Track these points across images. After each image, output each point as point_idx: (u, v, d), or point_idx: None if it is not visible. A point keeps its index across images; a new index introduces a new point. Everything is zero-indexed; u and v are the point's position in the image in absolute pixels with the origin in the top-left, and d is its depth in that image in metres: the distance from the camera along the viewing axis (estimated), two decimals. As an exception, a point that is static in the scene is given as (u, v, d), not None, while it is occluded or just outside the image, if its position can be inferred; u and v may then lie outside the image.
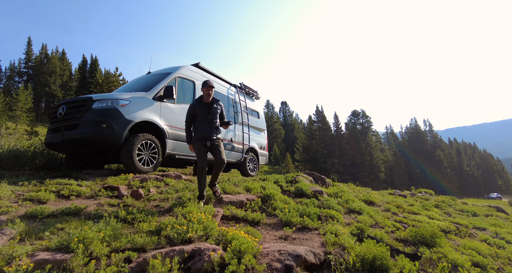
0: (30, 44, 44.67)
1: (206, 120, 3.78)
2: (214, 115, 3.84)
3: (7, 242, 2.25)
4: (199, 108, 3.79)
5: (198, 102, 3.84)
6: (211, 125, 3.80)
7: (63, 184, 3.88)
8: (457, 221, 5.61)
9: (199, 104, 3.80)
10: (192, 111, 3.83)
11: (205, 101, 3.84)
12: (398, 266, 2.64)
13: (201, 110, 3.77)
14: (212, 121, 3.81)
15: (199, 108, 3.79)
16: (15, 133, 16.36)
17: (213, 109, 3.83)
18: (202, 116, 3.78)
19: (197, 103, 3.82)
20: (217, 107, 3.87)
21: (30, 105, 32.30)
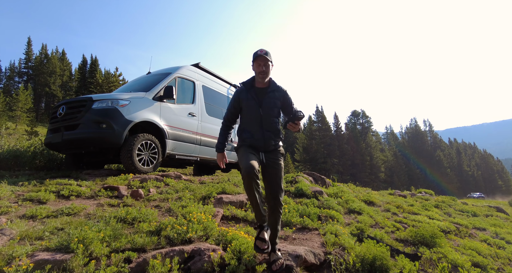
0: (30, 44, 44.71)
1: (256, 118, 2.34)
2: (271, 110, 2.35)
3: (7, 242, 2.25)
4: (246, 97, 2.35)
5: (247, 86, 2.39)
6: (265, 126, 2.33)
7: (63, 184, 3.88)
8: (457, 221, 5.61)
9: (248, 91, 2.36)
10: (235, 101, 2.41)
11: (258, 85, 2.39)
12: (398, 266, 2.64)
13: (249, 101, 2.34)
14: (267, 120, 2.34)
15: (247, 97, 2.35)
16: (15, 133, 16.38)
17: (268, 98, 2.34)
18: (250, 110, 2.35)
19: (245, 88, 2.38)
20: (275, 96, 2.36)
21: (30, 105, 32.31)
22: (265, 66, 2.27)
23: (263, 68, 2.27)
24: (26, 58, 44.45)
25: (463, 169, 66.72)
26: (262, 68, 2.27)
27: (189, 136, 5.81)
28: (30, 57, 44.28)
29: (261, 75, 2.29)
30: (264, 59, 2.26)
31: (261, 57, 2.25)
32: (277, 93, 2.36)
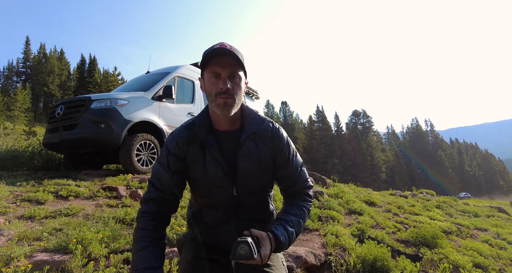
0: (28, 43, 44.80)
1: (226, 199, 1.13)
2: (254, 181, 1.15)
3: (5, 243, 2.24)
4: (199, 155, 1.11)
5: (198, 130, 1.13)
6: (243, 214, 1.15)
7: (62, 185, 3.86)
8: (458, 222, 5.58)
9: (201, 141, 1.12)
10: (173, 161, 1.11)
11: (220, 127, 1.16)
12: (399, 267, 2.62)
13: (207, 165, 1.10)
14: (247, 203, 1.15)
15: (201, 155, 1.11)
16: (13, 133, 16.39)
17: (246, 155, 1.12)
18: (211, 184, 1.12)
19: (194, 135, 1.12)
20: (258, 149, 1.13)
21: (28, 105, 32.37)
22: (231, 80, 1.05)
23: (227, 85, 1.02)
24: (24, 58, 44.55)
25: (464, 169, 66.69)
26: (225, 85, 1.02)
27: (188, 136, 5.80)
28: (28, 57, 44.37)
29: (224, 100, 1.03)
30: (229, 62, 1.04)
31: (223, 58, 1.03)
32: (262, 141, 1.14)
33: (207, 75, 1.08)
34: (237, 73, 1.07)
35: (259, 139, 1.15)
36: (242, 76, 1.10)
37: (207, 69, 1.07)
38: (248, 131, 1.14)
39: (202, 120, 1.15)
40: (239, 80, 1.08)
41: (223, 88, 1.02)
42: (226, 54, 1.04)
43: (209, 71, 1.06)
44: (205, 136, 1.12)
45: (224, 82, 1.03)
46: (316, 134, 48.08)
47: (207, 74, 1.07)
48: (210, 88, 1.06)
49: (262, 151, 1.15)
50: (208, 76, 1.07)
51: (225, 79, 1.04)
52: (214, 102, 1.06)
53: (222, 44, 1.05)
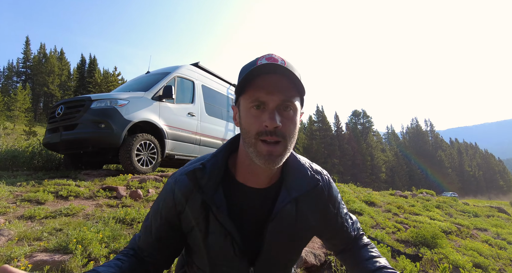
0: (28, 43, 44.81)
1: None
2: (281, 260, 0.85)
3: (5, 243, 2.24)
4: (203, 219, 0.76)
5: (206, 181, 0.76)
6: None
7: (62, 185, 3.86)
8: (458, 222, 5.58)
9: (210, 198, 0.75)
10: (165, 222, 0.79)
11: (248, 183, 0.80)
12: (399, 267, 2.62)
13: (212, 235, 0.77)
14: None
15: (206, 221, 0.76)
16: (13, 133, 16.38)
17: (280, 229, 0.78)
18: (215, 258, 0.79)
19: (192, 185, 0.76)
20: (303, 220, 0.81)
21: (28, 105, 32.36)
22: (281, 113, 0.70)
23: (276, 121, 0.67)
24: (24, 58, 44.55)
25: (464, 169, 66.71)
26: (273, 120, 0.67)
27: (188, 136, 5.80)
28: (28, 57, 44.37)
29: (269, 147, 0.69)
30: (282, 84, 0.70)
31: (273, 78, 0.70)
32: (308, 206, 0.82)
33: (245, 103, 0.72)
34: (292, 102, 0.70)
35: (303, 203, 0.81)
36: (298, 107, 0.73)
37: (245, 94, 0.71)
38: (292, 193, 0.79)
39: (215, 166, 0.77)
40: (293, 114, 0.72)
41: (269, 125, 0.67)
42: (277, 73, 0.69)
43: (248, 98, 0.70)
44: (212, 191, 0.75)
45: (271, 117, 0.67)
46: (316, 134, 48.08)
47: (245, 101, 0.71)
48: (248, 123, 0.70)
49: (305, 221, 0.82)
50: (247, 105, 0.71)
51: (273, 111, 0.68)
52: (252, 147, 0.70)
53: (271, 57, 0.71)
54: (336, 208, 0.90)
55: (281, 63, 0.70)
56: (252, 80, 0.70)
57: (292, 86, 0.71)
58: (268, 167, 0.71)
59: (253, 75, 0.69)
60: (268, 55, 0.73)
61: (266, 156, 0.69)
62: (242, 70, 0.75)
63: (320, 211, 0.86)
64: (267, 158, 0.69)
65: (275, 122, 0.67)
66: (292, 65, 0.72)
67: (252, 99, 0.70)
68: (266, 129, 0.68)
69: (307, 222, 0.83)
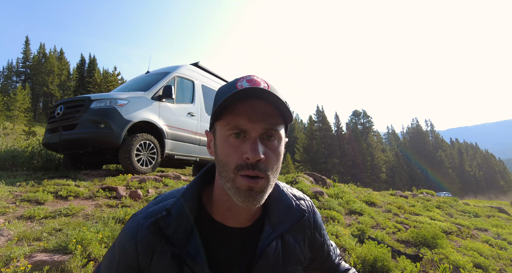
0: (28, 43, 44.80)
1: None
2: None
3: (4, 243, 2.23)
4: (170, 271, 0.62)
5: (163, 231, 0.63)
6: None
7: (61, 185, 3.85)
8: (458, 222, 5.57)
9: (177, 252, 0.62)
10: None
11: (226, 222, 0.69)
12: (399, 268, 2.61)
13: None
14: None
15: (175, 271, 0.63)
16: (13, 133, 16.38)
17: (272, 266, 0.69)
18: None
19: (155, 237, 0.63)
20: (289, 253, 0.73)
21: (28, 105, 32.36)
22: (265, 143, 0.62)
23: (259, 153, 0.58)
24: (24, 58, 44.55)
25: (464, 169, 66.69)
26: (255, 152, 0.58)
27: (188, 136, 5.79)
28: (28, 56, 44.36)
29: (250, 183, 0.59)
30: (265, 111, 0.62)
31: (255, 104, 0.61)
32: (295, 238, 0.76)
33: (222, 130, 0.62)
34: (277, 131, 0.62)
35: (290, 237, 0.75)
36: (283, 136, 0.65)
37: (223, 120, 0.62)
38: (277, 228, 0.71)
39: (183, 210, 0.65)
40: (278, 143, 0.63)
41: (250, 158, 0.58)
42: (260, 97, 0.61)
43: (226, 124, 0.61)
44: (183, 241, 0.63)
45: (254, 147, 0.58)
46: (316, 134, 48.06)
47: (223, 128, 0.62)
48: (226, 154, 0.61)
49: (293, 256, 0.74)
50: (224, 133, 0.62)
51: (255, 141, 0.59)
52: (230, 182, 0.61)
53: (251, 80, 0.64)
54: (322, 235, 0.84)
55: (264, 87, 0.62)
56: (231, 105, 0.60)
57: (277, 113, 0.62)
58: (248, 206, 0.60)
59: (233, 99, 0.59)
60: (249, 77, 0.65)
61: (246, 192, 0.59)
62: (219, 93, 0.66)
63: (308, 243, 0.79)
64: (247, 195, 0.59)
65: (258, 154, 0.57)
66: (276, 88, 0.64)
67: (231, 126, 0.60)
68: (247, 162, 0.59)
69: (296, 258, 0.75)
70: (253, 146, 0.58)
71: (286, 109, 0.62)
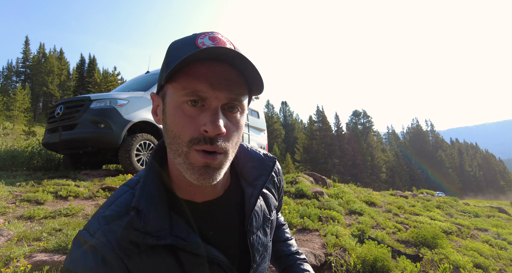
0: (27, 43, 44.78)
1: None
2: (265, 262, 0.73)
3: (4, 243, 2.23)
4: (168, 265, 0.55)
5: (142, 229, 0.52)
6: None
7: (61, 185, 3.86)
8: (458, 222, 5.57)
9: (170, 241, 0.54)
10: None
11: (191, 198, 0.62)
12: (399, 268, 2.61)
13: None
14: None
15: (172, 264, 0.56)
16: (13, 133, 16.38)
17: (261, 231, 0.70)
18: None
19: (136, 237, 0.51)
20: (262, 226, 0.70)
21: (27, 105, 32.35)
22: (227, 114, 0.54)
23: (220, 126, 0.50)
24: (23, 57, 44.53)
25: (465, 169, 66.66)
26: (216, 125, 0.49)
27: (188, 136, 5.79)
28: (27, 56, 44.35)
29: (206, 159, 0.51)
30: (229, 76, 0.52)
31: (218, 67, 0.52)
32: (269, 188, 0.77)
33: (175, 94, 0.53)
34: (241, 102, 0.55)
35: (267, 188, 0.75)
36: (245, 107, 0.58)
37: (177, 82, 0.52)
38: (257, 184, 0.69)
39: (151, 202, 0.55)
40: (240, 116, 0.56)
41: (209, 131, 0.50)
42: (224, 60, 0.52)
43: (181, 89, 0.51)
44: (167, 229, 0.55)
45: (214, 120, 0.50)
46: (316, 134, 48.05)
47: (177, 93, 0.52)
48: (179, 124, 0.52)
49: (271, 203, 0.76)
50: (178, 99, 0.52)
51: (216, 111, 0.51)
52: (182, 157, 0.52)
53: (215, 37, 0.54)
54: (282, 181, 0.83)
55: (230, 46, 0.53)
56: (188, 65, 0.50)
57: (242, 80, 0.54)
58: (202, 183, 0.52)
59: (192, 59, 0.48)
60: (212, 33, 0.55)
61: (202, 169, 0.52)
62: (173, 49, 0.55)
63: (276, 188, 0.79)
64: (203, 171, 0.52)
65: (219, 127, 0.49)
66: (241, 51, 0.54)
67: (187, 91, 0.50)
68: (204, 135, 0.50)
69: (273, 204, 0.76)
70: (214, 118, 0.50)
71: (257, 77, 0.53)
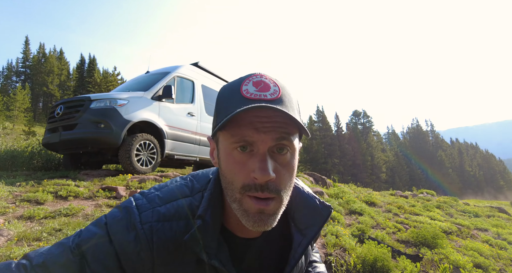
0: (27, 43, 44.74)
1: None
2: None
3: (4, 243, 2.23)
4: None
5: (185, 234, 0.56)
6: None
7: (61, 185, 3.85)
8: (458, 222, 5.57)
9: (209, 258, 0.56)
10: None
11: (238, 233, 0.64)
12: (399, 268, 2.61)
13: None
14: None
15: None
16: (13, 133, 16.37)
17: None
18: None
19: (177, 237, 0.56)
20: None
21: (27, 105, 32.32)
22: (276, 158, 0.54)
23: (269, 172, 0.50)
24: (23, 57, 44.49)
25: (464, 169, 66.64)
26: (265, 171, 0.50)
27: (188, 136, 5.79)
28: (27, 56, 44.30)
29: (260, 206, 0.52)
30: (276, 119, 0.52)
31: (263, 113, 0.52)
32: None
33: (226, 142, 0.55)
34: (290, 141, 0.54)
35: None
36: (296, 145, 0.57)
37: (226, 130, 0.54)
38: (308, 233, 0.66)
39: (215, 215, 0.59)
40: (291, 157, 0.56)
41: (259, 178, 0.50)
42: (269, 108, 0.50)
43: (230, 136, 0.53)
44: (216, 250, 0.57)
45: (263, 166, 0.50)
46: (316, 134, 48.04)
47: (226, 140, 0.54)
48: (231, 171, 0.54)
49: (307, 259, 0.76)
50: (228, 146, 0.54)
51: (264, 156, 0.51)
52: (236, 203, 0.54)
53: (259, 82, 0.55)
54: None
55: (274, 90, 0.54)
56: (239, 114, 0.51)
57: (290, 120, 0.53)
58: (258, 230, 0.54)
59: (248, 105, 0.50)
60: (255, 77, 0.55)
61: (256, 215, 0.52)
62: (222, 97, 0.57)
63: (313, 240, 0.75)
64: (257, 218, 0.52)
65: (267, 173, 0.49)
66: (288, 90, 0.56)
67: (235, 139, 0.52)
68: (255, 182, 0.51)
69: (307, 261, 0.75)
70: (262, 164, 0.50)
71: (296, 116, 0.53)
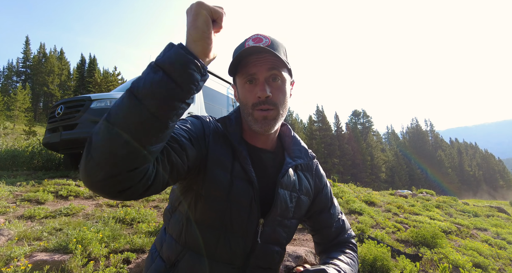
0: (28, 43, 44.67)
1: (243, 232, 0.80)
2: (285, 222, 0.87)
3: (5, 242, 2.23)
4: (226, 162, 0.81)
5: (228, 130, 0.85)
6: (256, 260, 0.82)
7: (61, 185, 3.86)
8: (458, 222, 5.58)
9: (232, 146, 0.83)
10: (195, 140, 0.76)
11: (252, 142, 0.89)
12: (399, 267, 2.62)
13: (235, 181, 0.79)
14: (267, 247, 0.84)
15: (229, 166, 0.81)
16: (13, 133, 16.37)
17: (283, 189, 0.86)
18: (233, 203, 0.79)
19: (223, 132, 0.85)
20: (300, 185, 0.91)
21: (28, 104, 32.28)
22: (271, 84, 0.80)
23: (266, 91, 0.78)
24: (24, 57, 44.42)
25: (464, 169, 66.67)
26: (264, 91, 0.78)
27: (188, 136, 5.79)
28: (28, 56, 44.23)
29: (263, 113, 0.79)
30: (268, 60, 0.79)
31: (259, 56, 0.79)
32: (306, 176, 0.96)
33: (240, 80, 0.84)
34: (279, 73, 0.80)
35: (302, 173, 0.96)
36: (286, 77, 0.83)
37: (239, 73, 0.83)
38: (296, 160, 0.91)
39: (238, 120, 0.89)
40: (282, 83, 0.82)
41: (261, 96, 0.78)
42: (262, 52, 0.78)
43: (241, 75, 0.82)
44: (237, 143, 0.83)
45: (262, 88, 0.78)
46: (316, 134, 48.05)
47: (240, 79, 0.83)
48: (245, 97, 0.82)
49: (304, 187, 0.93)
50: (241, 82, 0.83)
51: (262, 83, 0.79)
52: (250, 116, 0.81)
53: (257, 38, 0.81)
54: (322, 183, 1.01)
55: (265, 43, 0.80)
56: (242, 60, 0.81)
57: (278, 60, 0.79)
58: (264, 130, 0.81)
59: (243, 55, 0.79)
60: (255, 36, 0.83)
61: (262, 120, 0.80)
62: (234, 52, 0.84)
63: (315, 184, 0.98)
64: (263, 122, 0.80)
65: (265, 92, 0.78)
66: (277, 41, 0.83)
67: (244, 76, 0.81)
68: (259, 100, 0.79)
69: (306, 189, 0.94)
70: (261, 87, 0.79)
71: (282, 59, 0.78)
